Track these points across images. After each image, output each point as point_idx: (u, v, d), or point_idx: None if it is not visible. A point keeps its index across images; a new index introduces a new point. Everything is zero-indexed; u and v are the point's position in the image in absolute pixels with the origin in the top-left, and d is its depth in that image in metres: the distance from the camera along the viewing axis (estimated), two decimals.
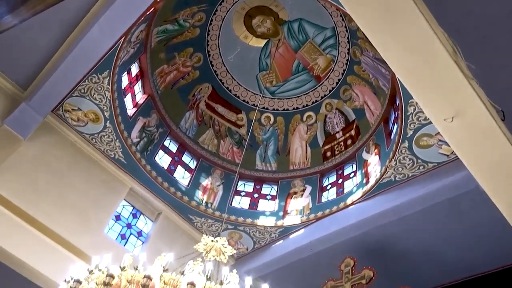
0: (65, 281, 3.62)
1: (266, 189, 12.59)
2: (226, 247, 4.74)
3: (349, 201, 10.56)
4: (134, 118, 10.99)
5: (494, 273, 9.53)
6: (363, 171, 10.93)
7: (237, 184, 12.46)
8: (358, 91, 12.04)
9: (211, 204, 11.65)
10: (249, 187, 12.66)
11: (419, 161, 9.12)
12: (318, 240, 10.46)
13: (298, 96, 13.02)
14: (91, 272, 3.54)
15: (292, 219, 11.34)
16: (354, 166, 11.64)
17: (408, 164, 9.26)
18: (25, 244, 8.20)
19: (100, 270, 3.54)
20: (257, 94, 13.01)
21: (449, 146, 7.98)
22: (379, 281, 9.14)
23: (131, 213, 11.10)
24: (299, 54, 12.68)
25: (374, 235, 9.87)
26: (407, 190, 9.33)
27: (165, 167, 11.66)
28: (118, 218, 10.72)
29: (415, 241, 9.77)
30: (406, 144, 9.06)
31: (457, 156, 7.73)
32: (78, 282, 3.43)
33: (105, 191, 10.20)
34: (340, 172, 12.00)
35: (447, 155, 8.72)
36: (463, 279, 10.20)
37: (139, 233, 10.97)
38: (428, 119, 8.22)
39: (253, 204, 12.17)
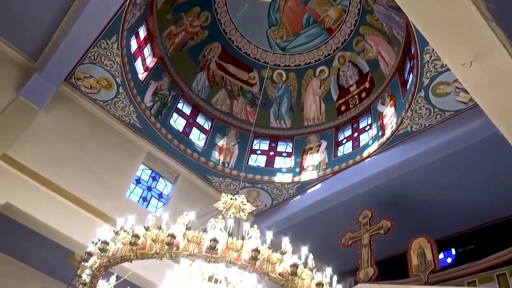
0: (93, 242, 3.77)
1: (281, 147, 12.65)
2: (245, 204, 4.82)
3: (365, 154, 10.55)
4: (146, 82, 10.97)
5: None
6: (379, 123, 10.83)
7: (252, 143, 12.53)
8: (372, 42, 11.70)
9: (228, 163, 11.79)
10: (264, 145, 12.73)
11: (436, 110, 8.96)
12: (335, 193, 10.59)
13: (310, 51, 12.72)
14: (117, 233, 3.67)
15: (308, 175, 11.44)
16: (370, 119, 11.53)
17: (425, 114, 9.12)
18: (51, 211, 8.51)
19: (125, 231, 3.66)
20: (268, 51, 12.76)
21: (467, 93, 7.82)
22: (398, 231, 9.28)
23: (150, 176, 11.35)
24: (309, 6, 12.25)
25: (391, 187, 9.92)
26: (424, 140, 9.25)
27: (180, 130, 11.76)
28: (138, 181, 10.98)
29: (432, 191, 9.80)
30: (422, 93, 8.88)
31: (475, 103, 7.59)
32: (106, 243, 3.55)
33: (123, 156, 10.39)
34: (355, 125, 11.92)
35: (465, 103, 8.54)
36: (481, 225, 10.28)
37: (160, 195, 11.26)
38: (445, 66, 8.00)
39: (269, 161, 12.29)
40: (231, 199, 4.72)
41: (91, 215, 8.92)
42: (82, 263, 3.81)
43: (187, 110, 12.34)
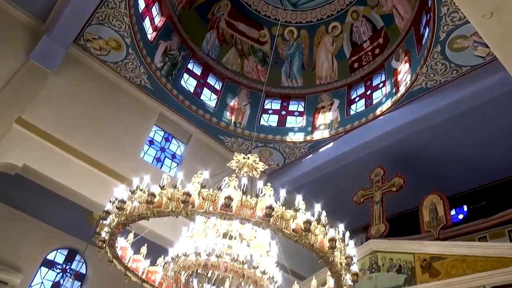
0: (110, 201, 3.85)
1: (293, 106, 12.57)
2: (257, 163, 4.84)
3: (378, 112, 10.43)
4: (155, 43, 10.82)
5: None
6: (393, 81, 10.62)
7: (264, 102, 12.45)
8: None
9: (240, 123, 11.80)
10: (276, 104, 12.65)
11: (452, 65, 8.72)
12: (347, 152, 10.58)
13: (322, 6, 12.27)
14: (133, 192, 3.74)
15: (320, 133, 11.41)
16: (383, 76, 11.30)
17: (441, 70, 8.89)
18: (68, 172, 8.68)
19: (141, 190, 3.73)
20: (279, 7, 12.37)
21: (486, 47, 7.58)
22: (410, 187, 9.32)
23: (163, 137, 11.44)
24: None
25: (405, 144, 9.86)
26: (439, 96, 9.08)
27: (192, 90, 11.71)
28: (151, 142, 11.09)
29: (446, 148, 9.73)
30: (438, 48, 8.61)
31: (493, 57, 7.37)
32: (123, 202, 3.64)
33: (136, 118, 10.44)
34: (368, 83, 11.72)
35: (483, 57, 8.28)
36: (494, 182, 10.25)
37: (173, 156, 11.40)
38: (463, 19, 7.71)
39: (281, 121, 12.26)
40: (244, 158, 4.74)
41: (107, 176, 9.09)
42: (101, 222, 3.92)
43: (197, 70, 12.23)
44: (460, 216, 11.09)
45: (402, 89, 9.92)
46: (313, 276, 5.26)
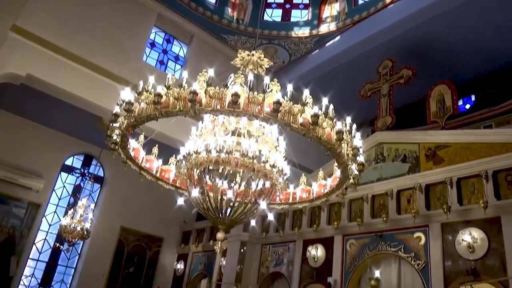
0: (118, 104, 3.84)
1: None
2: (262, 59, 4.70)
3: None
4: None
5: None
6: None
7: None
8: None
9: (242, 20, 11.28)
10: None
11: None
12: (355, 45, 10.25)
13: None
14: (139, 94, 3.70)
15: (327, 27, 10.93)
16: None
17: None
18: (72, 79, 8.59)
19: (147, 91, 3.68)
20: None
21: None
22: (418, 79, 9.20)
23: (164, 38, 11.10)
24: None
25: (415, 34, 9.48)
26: None
27: None
28: (153, 45, 10.80)
29: (458, 35, 9.37)
30: None
31: None
32: (130, 103, 3.62)
33: (134, 20, 10.01)
34: None
35: None
36: (505, 68, 10.05)
37: (176, 58, 11.17)
38: None
39: (286, 15, 11.65)
40: (248, 55, 4.60)
41: (111, 81, 8.99)
42: (111, 124, 3.95)
43: None
44: (467, 106, 11.10)
45: None
46: (320, 169, 5.46)
